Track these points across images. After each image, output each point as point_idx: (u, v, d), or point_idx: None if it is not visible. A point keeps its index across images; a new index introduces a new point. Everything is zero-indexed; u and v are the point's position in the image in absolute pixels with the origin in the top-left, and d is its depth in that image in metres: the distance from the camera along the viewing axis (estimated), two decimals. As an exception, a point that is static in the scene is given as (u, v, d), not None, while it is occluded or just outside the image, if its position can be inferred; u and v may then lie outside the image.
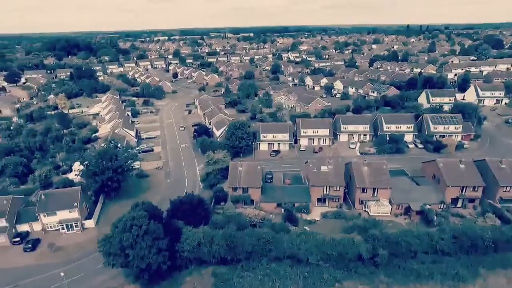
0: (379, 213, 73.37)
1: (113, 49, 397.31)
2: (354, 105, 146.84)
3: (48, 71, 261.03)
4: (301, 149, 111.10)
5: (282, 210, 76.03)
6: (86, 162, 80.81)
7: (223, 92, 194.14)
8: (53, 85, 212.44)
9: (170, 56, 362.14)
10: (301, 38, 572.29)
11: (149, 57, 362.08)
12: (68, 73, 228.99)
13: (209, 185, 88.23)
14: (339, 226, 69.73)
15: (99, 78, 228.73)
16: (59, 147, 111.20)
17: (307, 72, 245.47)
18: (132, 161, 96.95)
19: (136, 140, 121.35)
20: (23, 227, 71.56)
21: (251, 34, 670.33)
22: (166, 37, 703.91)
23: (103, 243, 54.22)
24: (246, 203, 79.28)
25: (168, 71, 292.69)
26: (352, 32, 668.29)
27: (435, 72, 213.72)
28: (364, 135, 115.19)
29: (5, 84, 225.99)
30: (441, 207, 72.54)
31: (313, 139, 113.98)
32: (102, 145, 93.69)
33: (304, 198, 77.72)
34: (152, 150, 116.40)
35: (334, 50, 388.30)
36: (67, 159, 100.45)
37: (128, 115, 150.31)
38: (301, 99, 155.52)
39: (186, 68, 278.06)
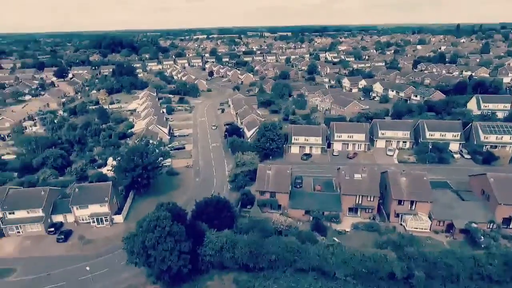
0: (416, 228, 67.68)
1: (154, 47, 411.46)
2: (394, 110, 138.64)
3: (93, 68, 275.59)
4: (334, 154, 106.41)
5: (311, 218, 72.68)
6: (118, 158, 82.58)
7: (257, 91, 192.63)
8: (97, 80, 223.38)
9: (207, 55, 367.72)
10: (340, 38, 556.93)
11: (187, 55, 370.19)
12: (111, 70, 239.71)
13: (237, 187, 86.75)
14: (371, 240, 65.14)
15: (139, 75, 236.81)
16: (97, 141, 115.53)
17: (344, 73, 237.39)
18: (162, 158, 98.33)
19: (169, 137, 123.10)
20: (58, 218, 74.39)
21: (289, 34, 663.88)
22: (205, 36, 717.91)
23: (127, 241, 54.35)
24: (273, 208, 76.88)
25: (204, 69, 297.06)
26: (396, 32, 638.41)
27: (488, 75, 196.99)
28: (404, 142, 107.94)
29: (54, 79, 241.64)
30: (490, 227, 65.21)
31: (348, 144, 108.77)
32: (136, 141, 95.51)
33: (334, 206, 73.72)
34: (184, 148, 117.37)
35: (374, 51, 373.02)
36: (103, 153, 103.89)
37: (163, 112, 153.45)
38: (337, 101, 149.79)
39: (222, 66, 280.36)
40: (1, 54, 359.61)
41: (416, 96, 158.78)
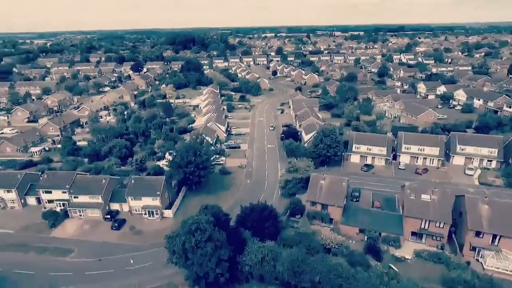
0: (498, 268, 56.37)
1: (222, 44, 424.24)
2: (479, 122, 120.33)
3: (165, 63, 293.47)
4: (400, 167, 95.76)
5: (365, 237, 65.53)
6: (173, 153, 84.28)
7: (319, 93, 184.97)
8: (167, 75, 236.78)
9: (272, 53, 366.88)
10: (419, 38, 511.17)
11: (253, 53, 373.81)
12: (180, 66, 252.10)
13: (287, 194, 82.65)
14: (437, 274, 56.07)
15: (205, 72, 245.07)
16: (159, 134, 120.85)
17: (421, 77, 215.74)
18: (218, 156, 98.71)
19: (226, 135, 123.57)
20: (114, 206, 78.52)
21: (361, 33, 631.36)
22: (273, 34, 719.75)
23: (170, 240, 54.06)
24: (323, 221, 71.23)
25: (268, 68, 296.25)
26: (489, 32, 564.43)
27: None
28: (489, 160, 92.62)
29: (131, 72, 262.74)
30: None
31: (417, 158, 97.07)
32: (192, 137, 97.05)
33: (394, 228, 65.45)
34: (239, 147, 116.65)
35: (460, 53, 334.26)
36: (163, 146, 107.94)
37: (223, 109, 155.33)
38: (409, 108, 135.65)
39: (286, 66, 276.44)
40: (91, 49, 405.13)
41: (510, 107, 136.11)
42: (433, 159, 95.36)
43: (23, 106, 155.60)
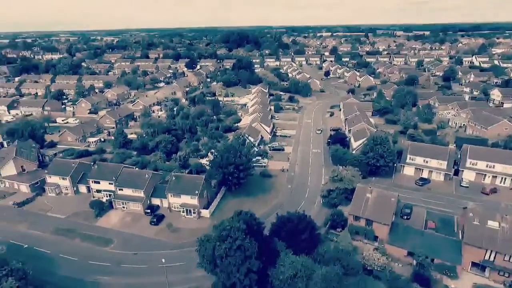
0: None
1: (276, 43, 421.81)
2: None
3: (218, 61, 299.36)
4: (462, 185, 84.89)
5: (414, 262, 58.44)
6: (215, 153, 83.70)
7: (374, 96, 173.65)
8: (218, 73, 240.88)
9: (326, 53, 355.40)
10: (498, 38, 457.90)
11: (306, 53, 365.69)
12: (232, 64, 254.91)
13: (329, 204, 77.55)
14: (500, 317, 47.61)
15: (256, 71, 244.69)
16: (205, 131, 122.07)
17: (496, 82, 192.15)
18: (260, 158, 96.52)
19: (270, 136, 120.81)
20: (155, 201, 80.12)
21: (426, 32, 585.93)
22: (329, 33, 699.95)
23: (201, 244, 52.84)
24: (367, 238, 65.22)
25: (321, 68, 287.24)
26: None
27: None
28: None
29: (185, 69, 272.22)
30: None
31: (485, 175, 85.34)
32: (235, 137, 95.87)
33: (451, 255, 57.60)
34: (283, 149, 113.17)
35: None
36: (206, 144, 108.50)
37: (270, 109, 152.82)
38: (478, 118, 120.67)
39: (340, 66, 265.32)
40: (151, 46, 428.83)
41: None
42: (505, 178, 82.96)
43: (86, 98, 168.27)
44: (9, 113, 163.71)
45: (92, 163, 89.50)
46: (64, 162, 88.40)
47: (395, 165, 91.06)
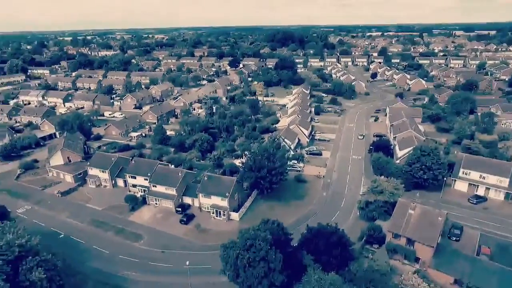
0: None
1: (321, 43, 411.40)
2: None
3: (261, 60, 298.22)
4: (524, 206, 74.60)
5: (461, 292, 51.77)
6: (248, 155, 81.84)
7: (425, 102, 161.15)
8: (260, 72, 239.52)
9: (374, 54, 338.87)
10: None
11: (353, 53, 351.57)
12: (274, 63, 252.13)
13: (367, 217, 72.10)
14: None
15: (298, 71, 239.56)
16: (242, 131, 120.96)
17: None
18: (295, 161, 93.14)
19: (308, 139, 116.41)
20: (187, 200, 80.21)
21: (491, 32, 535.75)
22: (379, 33, 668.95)
23: (225, 250, 51.10)
24: (407, 259, 59.26)
25: (368, 70, 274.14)
26: None
27: None
28: None
29: (228, 68, 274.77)
30: None
31: (552, 198, 74.14)
32: (270, 139, 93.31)
33: (507, 289, 49.98)
34: (321, 154, 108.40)
35: None
36: (242, 145, 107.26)
37: (310, 111, 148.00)
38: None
39: (388, 68, 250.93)
40: (197, 44, 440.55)
41: None
42: None
43: (132, 93, 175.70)
44: (64, 105, 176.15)
45: (130, 158, 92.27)
46: (105, 155, 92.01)
47: (445, 179, 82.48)
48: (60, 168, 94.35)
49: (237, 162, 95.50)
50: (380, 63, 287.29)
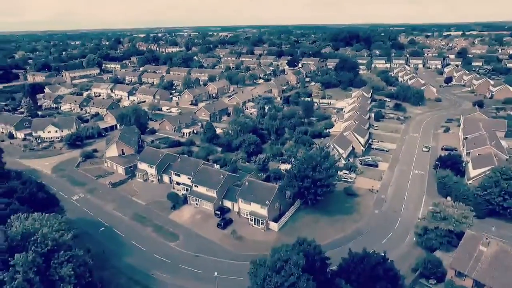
0: None
1: (389, 43, 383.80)
2: None
3: (321, 60, 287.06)
4: None
5: None
6: (293, 162, 76.56)
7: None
8: (319, 73, 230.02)
9: (451, 56, 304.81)
10: None
11: (425, 54, 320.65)
12: (335, 64, 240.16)
13: (424, 245, 62.28)
14: None
15: (360, 72, 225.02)
16: (292, 135, 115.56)
17: None
18: (347, 172, 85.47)
19: (364, 148, 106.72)
20: (227, 203, 77.81)
21: None
22: (459, 33, 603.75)
23: (253, 267, 47.03)
24: (472, 306, 49.13)
25: (441, 73, 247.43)
26: None
27: None
28: None
29: (286, 67, 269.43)
30: None
31: None
32: (318, 147, 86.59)
33: None
34: (377, 165, 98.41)
35: None
36: (290, 149, 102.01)
37: (369, 117, 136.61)
38: None
39: (467, 72, 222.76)
40: (258, 42, 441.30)
41: None
42: None
43: (190, 90, 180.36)
44: (128, 99, 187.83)
45: (177, 155, 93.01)
46: (153, 151, 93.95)
47: (531, 209, 68.15)
48: (114, 160, 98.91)
49: (283, 167, 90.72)
50: (457, 66, 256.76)
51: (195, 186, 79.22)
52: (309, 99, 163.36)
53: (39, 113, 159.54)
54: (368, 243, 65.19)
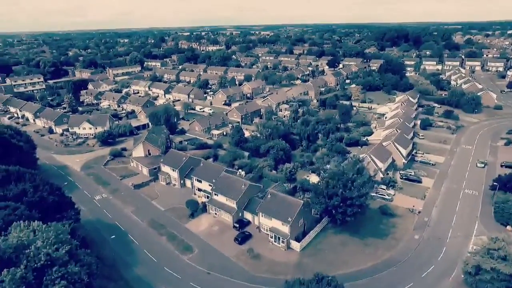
0: None
1: (442, 42, 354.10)
2: None
3: (365, 60, 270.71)
4: None
5: None
6: (322, 175, 68.92)
7: None
8: (360, 74, 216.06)
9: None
10: None
11: (484, 55, 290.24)
12: (379, 65, 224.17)
13: (474, 286, 51.86)
14: None
15: (407, 74, 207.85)
16: (326, 142, 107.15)
17: None
18: (384, 187, 76.24)
19: (406, 161, 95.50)
20: (247, 216, 72.27)
21: None
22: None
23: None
24: None
25: (504, 77, 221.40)
26: None
27: None
28: None
29: (326, 67, 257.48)
30: None
31: None
32: (350, 160, 77.76)
33: None
34: (420, 181, 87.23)
35: None
36: (322, 158, 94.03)
37: (414, 125, 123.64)
38: None
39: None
40: (298, 41, 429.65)
41: None
42: None
43: (224, 89, 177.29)
44: (164, 97, 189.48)
45: (201, 159, 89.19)
46: (177, 154, 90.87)
47: None
48: (140, 160, 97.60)
49: (313, 178, 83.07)
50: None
51: (215, 194, 74.53)
52: (347, 102, 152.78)
53: (80, 108, 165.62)
54: (403, 276, 56.63)
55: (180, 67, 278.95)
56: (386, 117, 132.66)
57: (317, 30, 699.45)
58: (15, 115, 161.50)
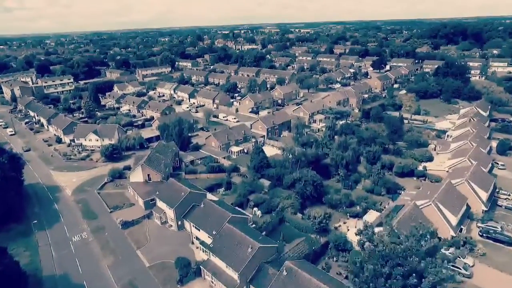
0: None
1: (511, 39, 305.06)
2: None
3: (417, 61, 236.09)
4: None
5: None
6: (361, 238, 46.05)
7: None
8: (412, 78, 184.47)
9: None
10: None
11: None
12: (436, 67, 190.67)
13: None
14: None
15: (472, 79, 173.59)
16: (370, 170, 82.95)
17: None
18: (457, 251, 51.92)
19: (486, 208, 68.63)
20: None
21: None
22: None
23: None
24: None
25: None
26: None
27: None
28: None
29: (370, 69, 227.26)
30: None
31: None
32: (416, 227, 53.31)
33: None
34: (511, 242, 60.58)
35: None
36: (365, 195, 70.40)
37: (490, 148, 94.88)
38: None
39: None
40: (340, 39, 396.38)
41: None
42: None
43: (252, 95, 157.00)
44: (189, 101, 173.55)
45: (205, 194, 69.89)
46: (175, 185, 71.56)
47: None
48: (137, 188, 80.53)
49: (351, 236, 59.86)
50: None
51: (213, 255, 54.51)
52: (396, 113, 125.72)
53: (98, 114, 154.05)
54: None
55: (211, 67, 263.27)
56: (449, 136, 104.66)
57: (360, 27, 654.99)
58: (34, 119, 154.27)
